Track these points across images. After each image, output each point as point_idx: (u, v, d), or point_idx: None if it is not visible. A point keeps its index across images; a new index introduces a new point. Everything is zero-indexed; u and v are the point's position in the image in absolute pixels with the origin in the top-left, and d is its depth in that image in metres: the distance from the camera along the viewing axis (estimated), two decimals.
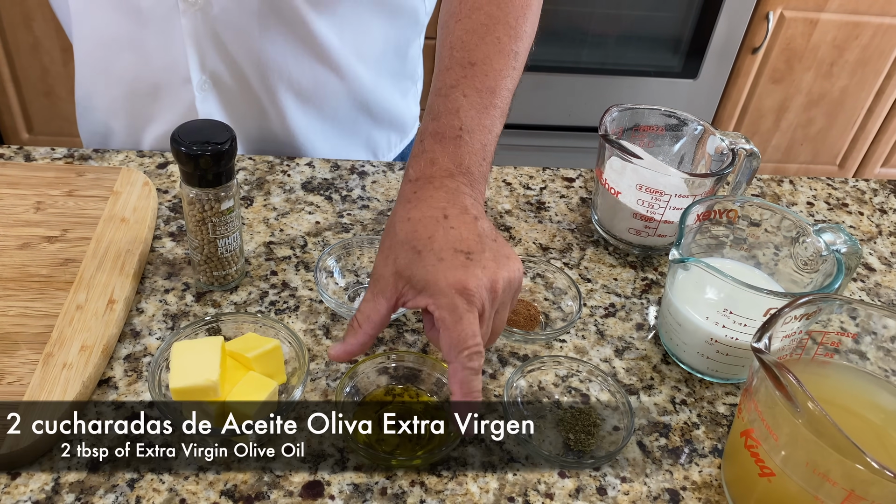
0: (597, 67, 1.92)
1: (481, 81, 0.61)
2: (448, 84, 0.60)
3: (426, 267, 0.52)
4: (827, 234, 0.62)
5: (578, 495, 0.53)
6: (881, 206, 0.88)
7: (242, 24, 0.75)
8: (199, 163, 0.56)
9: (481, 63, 0.61)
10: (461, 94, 0.60)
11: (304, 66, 0.79)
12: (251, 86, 0.79)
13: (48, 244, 0.65)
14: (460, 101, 0.59)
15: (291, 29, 0.76)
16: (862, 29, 1.89)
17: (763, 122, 2.05)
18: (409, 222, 0.54)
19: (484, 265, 0.52)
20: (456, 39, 0.63)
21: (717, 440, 0.59)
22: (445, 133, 0.58)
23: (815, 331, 0.55)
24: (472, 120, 0.59)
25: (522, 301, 0.67)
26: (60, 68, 1.75)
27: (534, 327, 0.65)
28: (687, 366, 0.63)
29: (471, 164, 0.57)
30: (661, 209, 0.70)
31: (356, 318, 0.54)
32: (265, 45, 0.76)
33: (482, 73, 0.61)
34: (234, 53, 0.76)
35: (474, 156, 0.58)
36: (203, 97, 0.78)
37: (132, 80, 0.79)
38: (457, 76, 0.61)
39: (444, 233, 0.53)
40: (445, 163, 0.57)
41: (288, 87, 0.80)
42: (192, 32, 0.74)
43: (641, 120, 0.76)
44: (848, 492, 0.44)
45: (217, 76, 0.78)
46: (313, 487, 0.52)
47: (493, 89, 0.61)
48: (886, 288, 0.76)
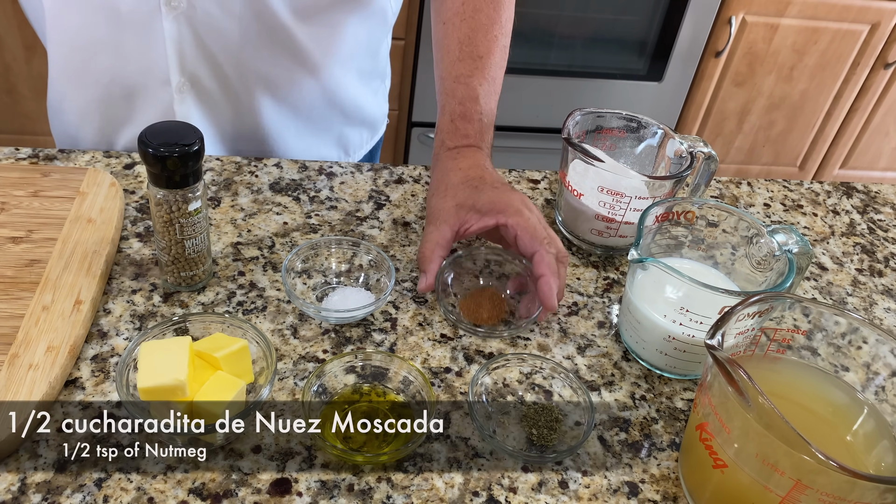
0: (564, 70, 1.95)
1: (489, 73, 0.75)
2: (465, 73, 0.75)
3: (487, 194, 0.67)
4: (780, 235, 0.64)
5: (541, 489, 0.55)
6: (834, 208, 0.91)
7: (224, 28, 0.75)
8: (167, 164, 0.57)
9: (486, 57, 0.76)
10: (478, 84, 0.74)
11: (281, 67, 0.81)
12: (230, 87, 0.80)
13: (13, 245, 0.65)
14: (478, 90, 0.74)
15: (271, 31, 0.77)
16: (821, 34, 1.94)
17: (726, 124, 2.09)
18: (461, 171, 0.70)
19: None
20: (464, 35, 0.76)
21: (674, 434, 0.60)
22: (472, 117, 0.73)
23: (769, 327, 0.58)
24: (487, 106, 0.75)
25: (487, 290, 0.69)
26: (23, 66, 1.73)
27: (499, 317, 0.67)
28: (646, 362, 0.65)
29: (488, 140, 0.75)
30: (622, 211, 0.72)
31: (425, 248, 0.66)
32: (245, 47, 0.77)
33: (488, 66, 0.76)
34: (214, 55, 0.77)
35: (489, 134, 0.75)
36: (181, 99, 0.79)
37: (108, 82, 0.79)
38: (470, 67, 0.75)
39: (489, 175, 0.70)
40: (475, 139, 0.73)
41: (265, 87, 0.81)
42: (174, 35, 0.74)
43: (604, 123, 0.78)
44: (795, 481, 0.46)
45: (196, 78, 0.79)
46: (281, 485, 0.53)
47: (495, 79, 0.77)
48: (838, 287, 0.78)
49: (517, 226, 0.66)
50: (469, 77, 0.75)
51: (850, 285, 0.79)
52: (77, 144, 0.85)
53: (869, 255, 0.84)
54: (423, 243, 0.67)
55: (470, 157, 0.71)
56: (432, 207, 0.69)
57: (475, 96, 0.74)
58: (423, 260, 0.66)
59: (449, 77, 0.76)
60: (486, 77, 0.75)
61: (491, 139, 0.75)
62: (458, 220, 0.67)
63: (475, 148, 0.72)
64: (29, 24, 0.86)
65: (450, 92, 0.75)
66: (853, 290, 0.78)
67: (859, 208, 0.91)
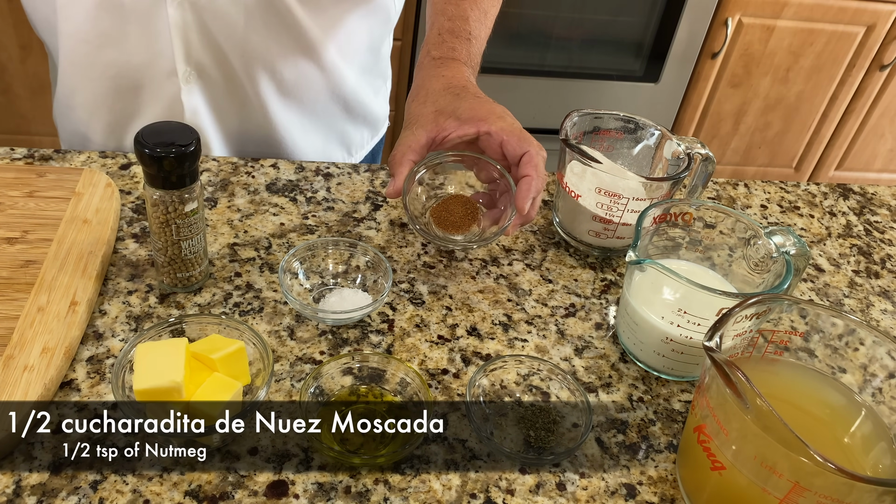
0: (560, 71, 1.95)
1: (481, 4, 0.76)
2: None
3: (469, 103, 0.65)
4: (777, 237, 0.64)
5: (539, 491, 0.55)
6: (831, 210, 0.91)
7: (230, 15, 0.75)
8: (163, 165, 0.56)
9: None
10: (469, 8, 0.74)
11: (287, 58, 0.81)
12: (235, 77, 0.80)
13: (8, 245, 0.64)
14: (469, 13, 0.74)
15: (278, 20, 0.77)
16: (816, 36, 1.94)
17: (722, 125, 2.10)
18: (444, 78, 0.68)
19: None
20: None
21: (672, 436, 0.60)
22: (460, 34, 0.73)
23: (766, 329, 0.58)
24: (476, 29, 0.74)
25: (459, 196, 0.68)
26: (18, 66, 1.72)
27: (472, 223, 0.66)
28: (644, 364, 0.65)
29: (475, 61, 0.73)
30: (620, 212, 0.72)
31: (397, 152, 0.64)
32: (251, 35, 0.77)
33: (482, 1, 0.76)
34: (220, 43, 0.77)
35: (476, 56, 0.74)
36: (188, 89, 0.79)
37: (115, 75, 0.79)
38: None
39: (472, 87, 0.68)
40: (462, 54, 0.72)
41: (271, 77, 0.82)
42: (178, 23, 0.74)
43: (601, 124, 0.78)
44: (793, 483, 0.46)
45: (202, 67, 0.79)
46: (278, 487, 0.52)
47: (487, 13, 0.77)
48: (835, 288, 0.79)
49: (502, 131, 0.64)
50: (460, 0, 0.75)
51: (846, 287, 0.79)
52: (86, 141, 0.85)
53: (865, 257, 0.84)
54: (396, 146, 0.65)
55: (454, 68, 0.70)
56: (410, 112, 0.67)
57: (465, 17, 0.74)
58: (393, 163, 0.64)
59: (440, 0, 0.76)
60: (479, 6, 0.75)
61: (478, 63, 0.74)
62: (437, 127, 0.65)
63: (460, 63, 0.71)
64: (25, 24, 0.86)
65: (440, 11, 0.75)
66: (850, 292, 0.78)
67: (856, 210, 0.91)
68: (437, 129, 0.64)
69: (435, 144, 0.65)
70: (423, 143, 0.64)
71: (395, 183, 0.63)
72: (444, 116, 0.64)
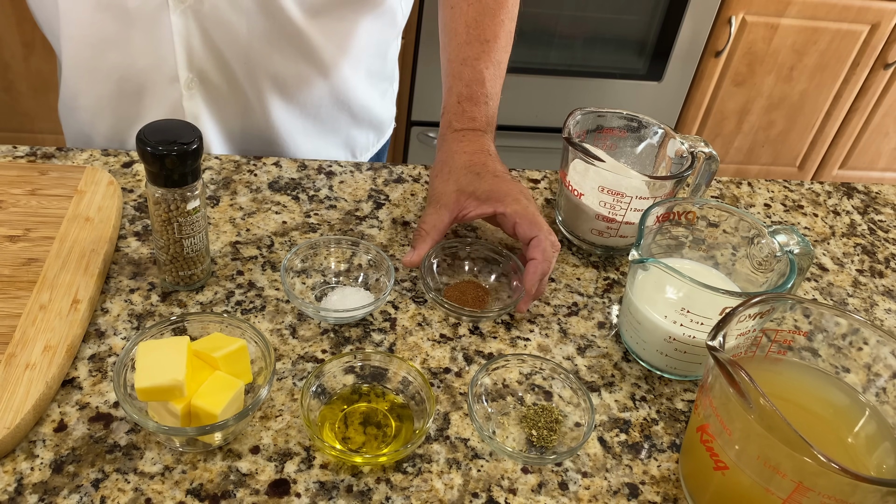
0: (563, 69, 1.95)
1: (495, 56, 0.77)
2: (472, 56, 0.77)
3: (487, 182, 0.69)
4: (781, 236, 0.64)
5: (541, 490, 0.55)
6: (835, 209, 0.91)
7: (232, 21, 0.75)
8: (165, 163, 0.56)
9: (493, 41, 0.78)
10: (485, 67, 0.76)
11: (289, 64, 0.80)
12: (238, 82, 0.80)
13: (10, 243, 0.64)
14: (485, 73, 0.76)
15: (280, 26, 0.77)
16: (820, 34, 1.94)
17: (726, 124, 2.09)
18: (466, 154, 0.72)
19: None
20: (471, 19, 0.78)
21: (675, 435, 0.60)
22: (478, 99, 0.75)
23: (770, 328, 0.57)
24: (493, 89, 0.77)
25: (472, 282, 0.69)
26: (21, 63, 1.72)
27: (482, 307, 0.67)
28: (647, 363, 0.65)
29: (493, 124, 0.77)
30: (623, 211, 0.71)
31: (423, 228, 0.69)
32: (253, 41, 0.77)
33: (494, 49, 0.78)
34: (222, 50, 0.77)
35: (493, 115, 0.77)
36: (190, 95, 0.79)
37: (118, 79, 0.78)
38: (477, 51, 0.77)
39: (492, 162, 0.72)
40: (481, 122, 0.75)
41: (273, 83, 0.81)
42: (181, 30, 0.74)
43: (604, 123, 0.77)
44: (797, 483, 0.46)
45: (204, 74, 0.78)
46: (279, 486, 0.52)
47: (501, 63, 0.78)
48: (839, 287, 0.78)
49: (515, 214, 0.67)
50: (476, 60, 0.76)
51: (850, 286, 0.79)
52: (90, 142, 0.85)
53: (870, 256, 0.83)
54: (421, 222, 0.69)
55: (475, 141, 0.73)
56: (435, 189, 0.71)
57: (482, 79, 0.76)
58: (419, 237, 0.68)
59: (456, 60, 0.77)
60: (493, 60, 0.77)
61: (495, 123, 0.77)
62: (458, 206, 0.69)
63: (480, 132, 0.74)
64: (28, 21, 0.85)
65: (456, 74, 0.77)
66: (854, 291, 0.78)
67: (860, 209, 0.91)
68: (458, 209, 0.69)
69: (457, 220, 0.70)
70: (446, 222, 0.69)
71: (416, 255, 0.67)
72: (465, 196, 0.69)
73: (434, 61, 1.80)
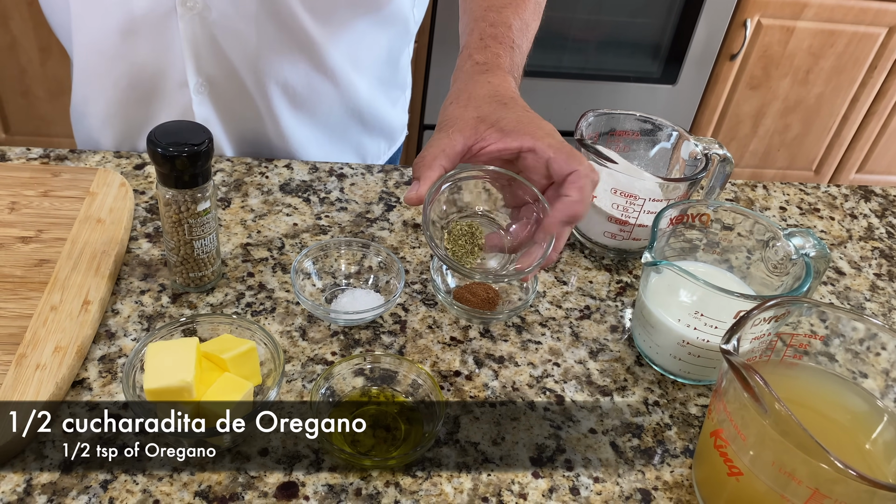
0: (577, 72, 1.94)
1: (523, 15, 0.69)
2: (499, 4, 0.68)
3: (516, 114, 0.57)
4: (797, 239, 0.63)
5: (552, 495, 0.54)
6: (852, 212, 0.89)
7: (240, 29, 0.75)
8: (176, 164, 0.56)
9: (522, 2, 0.70)
10: (512, 17, 0.68)
11: (299, 71, 0.80)
12: (247, 89, 0.80)
13: (22, 245, 0.64)
14: (512, 21, 0.67)
15: (289, 34, 0.77)
16: (837, 37, 1.92)
17: (741, 127, 2.07)
18: (490, 85, 0.60)
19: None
20: None
21: (688, 441, 0.59)
22: (504, 41, 0.65)
23: (785, 333, 0.56)
24: (519, 39, 0.67)
25: (482, 284, 0.68)
26: (38, 68, 1.74)
27: (492, 309, 0.66)
28: (660, 367, 0.64)
29: (517, 72, 0.66)
30: (636, 213, 0.71)
31: (427, 155, 0.55)
32: (262, 49, 0.77)
33: (523, 9, 0.70)
34: (230, 57, 0.77)
35: (518, 67, 0.66)
36: (199, 101, 0.79)
37: (127, 86, 0.79)
38: (504, 2, 0.68)
39: (521, 101, 0.60)
40: (506, 63, 0.64)
41: (283, 91, 0.81)
42: (189, 36, 0.74)
43: (617, 125, 0.77)
44: (813, 490, 0.45)
45: (213, 80, 0.78)
46: (288, 488, 0.52)
47: (528, 25, 0.70)
48: (856, 291, 0.77)
49: (550, 147, 0.55)
50: (503, 8, 0.68)
51: (868, 290, 0.77)
52: (100, 147, 0.85)
53: (888, 260, 0.82)
54: (427, 148, 0.56)
55: (500, 76, 0.62)
56: (448, 115, 0.59)
57: (508, 24, 0.66)
58: (421, 166, 0.55)
59: (480, 7, 0.68)
60: (520, 16, 0.68)
61: (520, 76, 0.66)
62: (476, 135, 0.56)
63: (505, 72, 0.63)
64: (45, 26, 0.86)
65: (480, 17, 0.67)
66: (871, 296, 0.77)
67: (877, 212, 0.90)
68: (476, 138, 0.56)
69: (470, 154, 0.57)
70: (458, 149, 0.56)
71: (420, 188, 0.54)
72: (486, 125, 0.57)
73: (448, 64, 1.80)
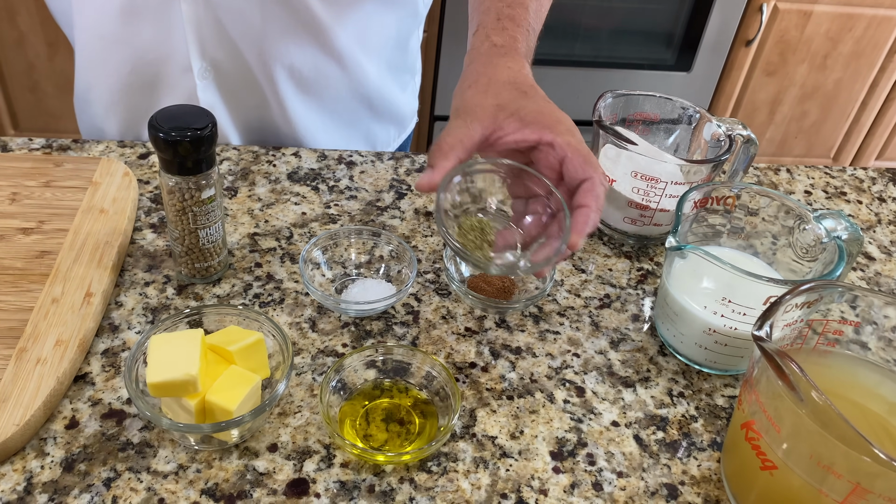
0: (590, 60, 1.91)
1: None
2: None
3: (537, 105, 0.56)
4: (828, 221, 0.60)
5: (573, 491, 0.52)
6: (880, 195, 0.86)
7: (244, 9, 0.73)
8: (178, 149, 0.54)
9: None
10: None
11: (305, 55, 0.78)
12: (252, 74, 0.78)
13: (23, 236, 0.63)
14: (528, 2, 0.65)
15: (294, 15, 0.74)
16: (856, 21, 1.88)
17: (757, 114, 2.04)
18: (510, 70, 0.58)
19: None
20: None
21: (715, 433, 0.57)
22: (521, 23, 0.63)
23: (816, 320, 0.54)
24: (534, 22, 0.65)
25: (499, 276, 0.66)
26: (46, 63, 1.73)
27: (508, 298, 0.64)
28: (684, 357, 0.62)
29: (531, 56, 0.64)
30: (657, 197, 0.68)
31: (445, 142, 0.54)
32: (267, 30, 0.75)
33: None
34: (235, 40, 0.75)
35: (532, 50, 0.64)
36: (204, 86, 0.77)
37: (130, 70, 0.77)
38: None
39: (541, 91, 0.58)
40: (523, 48, 0.62)
41: (289, 75, 0.79)
42: (192, 19, 0.72)
43: (636, 107, 0.74)
44: (854, 485, 0.42)
45: (218, 63, 0.76)
46: (298, 485, 0.50)
47: (542, 4, 0.68)
48: (886, 277, 0.74)
49: (568, 146, 0.54)
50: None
51: None
52: (104, 137, 0.84)
53: None
54: (444, 135, 0.54)
55: (519, 62, 0.60)
56: (466, 100, 0.57)
57: (525, 5, 0.64)
58: (437, 154, 0.53)
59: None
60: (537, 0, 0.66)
61: (531, 61, 0.65)
62: (494, 124, 0.55)
63: (521, 58, 0.61)
64: (52, 21, 0.84)
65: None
66: None
67: None
68: (494, 127, 0.55)
69: (487, 143, 0.55)
70: (476, 140, 0.54)
71: (433, 175, 0.52)
72: (506, 114, 0.55)
73: (458, 53, 1.78)
